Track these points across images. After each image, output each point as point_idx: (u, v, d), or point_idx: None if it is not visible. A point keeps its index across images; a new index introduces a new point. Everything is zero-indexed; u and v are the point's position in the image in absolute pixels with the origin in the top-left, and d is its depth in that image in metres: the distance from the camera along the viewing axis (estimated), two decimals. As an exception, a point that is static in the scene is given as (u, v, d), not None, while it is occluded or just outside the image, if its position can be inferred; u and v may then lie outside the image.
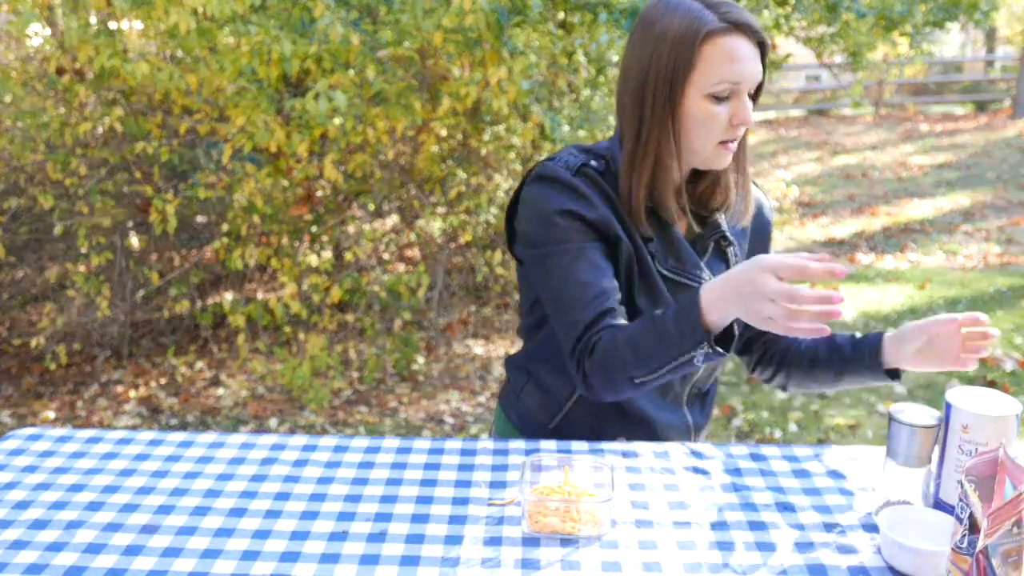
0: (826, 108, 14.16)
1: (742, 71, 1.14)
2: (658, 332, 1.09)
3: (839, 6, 4.17)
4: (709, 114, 1.15)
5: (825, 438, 3.15)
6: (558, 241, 1.18)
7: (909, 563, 0.91)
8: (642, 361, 1.10)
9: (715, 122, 1.16)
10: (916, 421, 1.00)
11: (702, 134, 1.17)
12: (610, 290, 1.17)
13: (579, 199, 1.19)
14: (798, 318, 0.95)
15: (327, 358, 3.27)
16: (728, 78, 1.13)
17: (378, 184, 3.59)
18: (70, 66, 3.18)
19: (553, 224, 1.19)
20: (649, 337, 1.10)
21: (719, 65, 1.13)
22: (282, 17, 3.03)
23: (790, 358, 1.40)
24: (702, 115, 1.15)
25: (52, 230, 3.75)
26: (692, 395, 1.35)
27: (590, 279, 1.17)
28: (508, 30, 2.75)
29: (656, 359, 1.09)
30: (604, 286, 1.17)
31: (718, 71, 1.13)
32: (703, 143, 1.18)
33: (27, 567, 0.95)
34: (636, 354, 1.10)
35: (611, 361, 1.12)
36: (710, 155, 1.19)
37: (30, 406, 3.55)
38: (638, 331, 1.11)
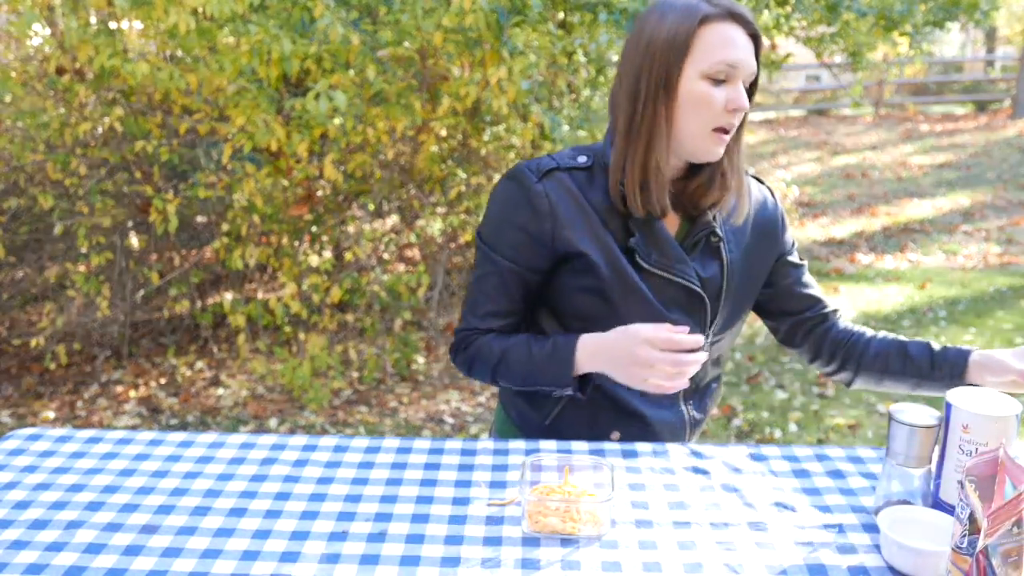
0: (826, 108, 14.16)
1: (739, 56, 1.16)
2: (531, 362, 1.23)
3: (839, 6, 4.17)
4: (706, 95, 1.16)
5: (825, 438, 3.15)
6: (493, 247, 1.27)
7: (909, 563, 0.91)
8: (508, 375, 1.25)
9: (711, 104, 1.17)
10: (916, 421, 1.00)
11: (698, 117, 1.18)
12: (505, 313, 1.29)
13: (532, 213, 1.23)
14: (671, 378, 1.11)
15: (327, 358, 3.27)
16: (726, 59, 1.16)
17: (378, 184, 3.59)
18: (70, 66, 3.18)
19: (498, 231, 1.26)
20: (521, 362, 1.24)
21: (717, 47, 1.16)
22: (282, 17, 3.03)
23: (857, 360, 1.37)
24: (699, 96, 1.17)
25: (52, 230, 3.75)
26: (690, 391, 1.35)
27: (497, 296, 1.28)
28: (508, 30, 2.75)
29: (521, 379, 1.25)
30: (503, 308, 1.29)
31: (716, 52, 1.16)
32: (699, 127, 1.18)
33: (27, 567, 0.95)
34: (505, 368, 1.25)
35: (479, 362, 1.28)
36: (703, 142, 1.19)
37: (30, 406, 3.55)
38: (513, 351, 1.25)
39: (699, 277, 1.27)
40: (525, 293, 1.29)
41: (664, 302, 1.26)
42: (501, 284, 1.27)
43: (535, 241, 1.23)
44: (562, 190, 1.23)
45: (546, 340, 1.23)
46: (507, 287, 1.27)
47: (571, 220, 1.23)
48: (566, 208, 1.23)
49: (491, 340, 1.28)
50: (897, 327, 4.29)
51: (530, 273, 1.26)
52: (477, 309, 1.30)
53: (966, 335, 4.13)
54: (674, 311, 1.27)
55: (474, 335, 1.30)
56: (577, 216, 1.23)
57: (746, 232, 1.33)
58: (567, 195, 1.23)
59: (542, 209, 1.22)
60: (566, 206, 1.23)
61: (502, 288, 1.27)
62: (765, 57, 4.95)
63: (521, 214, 1.23)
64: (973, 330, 4.19)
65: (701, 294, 1.27)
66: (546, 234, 1.23)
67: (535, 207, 1.22)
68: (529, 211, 1.23)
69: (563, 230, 1.22)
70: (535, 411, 1.36)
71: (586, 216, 1.23)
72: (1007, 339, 4.05)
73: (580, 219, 1.23)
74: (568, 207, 1.23)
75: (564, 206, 1.23)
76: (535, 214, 1.23)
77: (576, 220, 1.23)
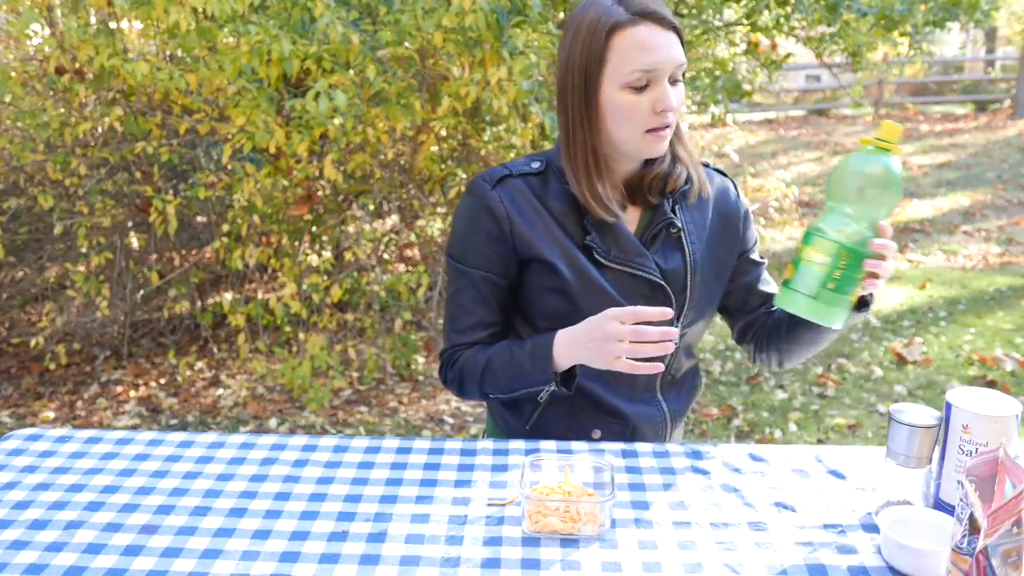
0: (826, 108, 14.16)
1: (654, 59, 1.16)
2: (514, 363, 1.24)
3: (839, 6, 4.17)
4: (629, 104, 1.17)
5: (825, 438, 3.15)
6: (461, 260, 1.30)
7: (909, 563, 0.91)
8: (495, 383, 1.26)
9: (637, 111, 1.18)
10: (916, 421, 1.00)
11: (626, 124, 1.19)
12: (486, 323, 1.31)
13: (492, 218, 1.26)
14: (640, 351, 1.11)
15: (327, 358, 3.27)
16: (641, 67, 1.15)
17: (378, 184, 3.59)
18: (70, 66, 3.18)
19: (464, 244, 1.29)
20: (505, 366, 1.25)
21: (630, 56, 1.16)
22: (282, 17, 3.03)
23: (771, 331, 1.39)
24: (622, 106, 1.18)
25: (52, 230, 3.75)
26: (666, 383, 1.36)
27: (475, 308, 1.30)
28: (508, 30, 2.75)
29: (507, 385, 1.25)
30: (483, 319, 1.31)
31: (630, 62, 1.16)
32: (629, 133, 1.20)
33: (27, 567, 0.95)
34: (491, 376, 1.26)
35: (467, 375, 1.29)
36: (640, 144, 1.21)
37: (30, 406, 3.55)
38: (496, 358, 1.26)
39: (661, 269, 1.28)
40: (501, 301, 1.31)
41: (627, 296, 1.27)
42: (477, 295, 1.30)
43: (500, 244, 1.27)
44: (517, 195, 1.27)
45: (525, 342, 1.25)
46: (483, 297, 1.30)
47: (527, 224, 1.26)
48: (521, 212, 1.26)
49: (474, 352, 1.30)
50: (897, 327, 4.29)
51: (501, 279, 1.29)
52: (457, 324, 1.32)
53: (966, 335, 4.13)
54: (638, 304, 1.28)
55: (458, 351, 1.32)
56: (533, 219, 1.26)
57: (706, 223, 1.34)
58: (522, 200, 1.27)
59: (499, 214, 1.26)
60: (521, 210, 1.26)
61: (478, 299, 1.30)
62: (765, 57, 4.94)
63: (482, 221, 1.27)
64: (973, 330, 4.19)
65: (663, 286, 1.28)
66: (507, 237, 1.26)
67: (493, 212, 1.26)
68: (489, 217, 1.27)
69: (520, 234, 1.26)
70: (515, 417, 1.38)
71: (542, 219, 1.26)
72: (1007, 339, 4.05)
73: (536, 222, 1.26)
74: (523, 211, 1.26)
75: (519, 210, 1.26)
76: (494, 219, 1.26)
77: (532, 223, 1.26)
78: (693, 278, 1.31)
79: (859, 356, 3.92)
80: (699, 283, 1.32)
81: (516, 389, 1.25)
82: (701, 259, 1.32)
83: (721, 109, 5.18)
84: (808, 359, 3.83)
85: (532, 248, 1.26)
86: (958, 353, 3.91)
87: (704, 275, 1.32)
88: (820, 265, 1.08)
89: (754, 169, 7.80)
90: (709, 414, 3.39)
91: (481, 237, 1.28)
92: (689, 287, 1.30)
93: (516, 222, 1.26)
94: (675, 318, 1.31)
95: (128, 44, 3.47)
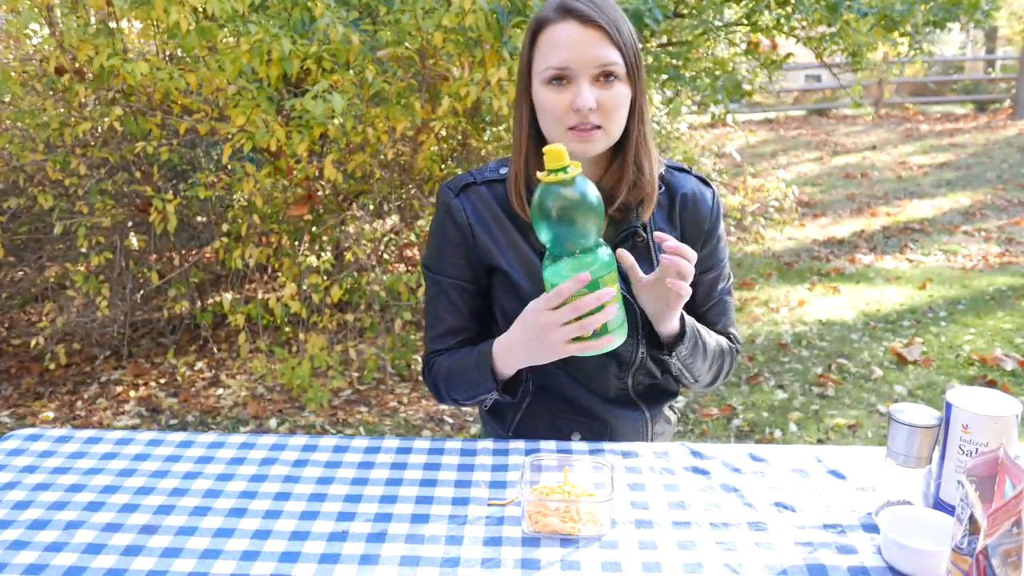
0: (826, 108, 14.16)
1: (565, 57, 1.15)
2: (466, 370, 1.25)
3: (840, 6, 4.17)
4: (547, 101, 1.18)
5: (825, 438, 3.15)
6: (435, 270, 1.32)
7: (909, 563, 0.91)
8: (456, 389, 1.28)
9: (554, 109, 1.18)
10: (916, 421, 1.00)
11: (548, 121, 1.20)
12: (457, 330, 1.32)
13: (455, 225, 1.29)
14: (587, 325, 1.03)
15: (327, 358, 3.26)
16: (553, 64, 1.16)
17: (378, 184, 3.59)
18: (70, 66, 3.18)
19: (436, 253, 1.32)
20: (460, 372, 1.27)
21: (547, 53, 1.17)
22: (282, 17, 3.03)
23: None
24: (543, 103, 1.19)
25: (52, 230, 3.74)
26: (640, 391, 1.35)
27: (446, 316, 1.32)
28: (508, 30, 2.75)
29: (464, 392, 1.27)
30: (453, 325, 1.32)
31: (545, 59, 1.17)
32: (552, 130, 1.20)
33: (27, 567, 0.95)
34: (453, 382, 1.28)
35: (439, 382, 1.31)
36: (566, 143, 1.17)
37: (30, 406, 3.55)
38: (456, 364, 1.28)
39: (624, 278, 1.26)
40: (472, 307, 1.32)
41: None
42: (448, 303, 1.32)
43: (466, 251, 1.29)
44: (479, 203, 1.29)
45: (475, 349, 1.25)
46: (454, 304, 1.32)
47: (487, 233, 1.27)
48: (481, 221, 1.28)
49: (444, 359, 1.31)
50: (897, 327, 4.29)
51: (470, 285, 1.31)
52: (432, 331, 1.34)
53: (966, 335, 4.13)
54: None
55: (434, 358, 1.33)
56: (493, 227, 1.28)
57: (677, 232, 1.31)
58: (483, 208, 1.28)
59: (461, 222, 1.28)
60: (481, 219, 1.28)
61: (450, 307, 1.32)
62: (765, 57, 4.94)
63: (448, 229, 1.30)
64: (973, 330, 4.19)
65: (624, 296, 1.26)
66: (470, 244, 1.29)
67: (456, 221, 1.29)
68: (454, 226, 1.29)
69: (483, 243, 1.28)
70: (498, 421, 1.40)
71: (502, 227, 1.27)
72: (1007, 339, 4.05)
73: (496, 230, 1.27)
74: (484, 220, 1.28)
75: (479, 219, 1.28)
76: (458, 228, 1.29)
77: (492, 232, 1.27)
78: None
79: (859, 356, 3.92)
80: None
81: (474, 396, 1.26)
82: None
83: (721, 109, 5.18)
84: (808, 361, 3.84)
85: (492, 257, 1.28)
86: (958, 353, 3.91)
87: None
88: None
89: (754, 169, 7.80)
90: (709, 414, 3.39)
91: (449, 246, 1.30)
92: None
93: (477, 231, 1.28)
94: (641, 329, 1.28)
95: (128, 44, 3.47)
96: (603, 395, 1.33)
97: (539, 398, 1.35)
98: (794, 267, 5.53)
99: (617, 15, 1.19)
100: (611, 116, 1.18)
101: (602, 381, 1.33)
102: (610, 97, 1.17)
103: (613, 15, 1.18)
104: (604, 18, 1.16)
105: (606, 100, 1.17)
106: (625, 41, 1.17)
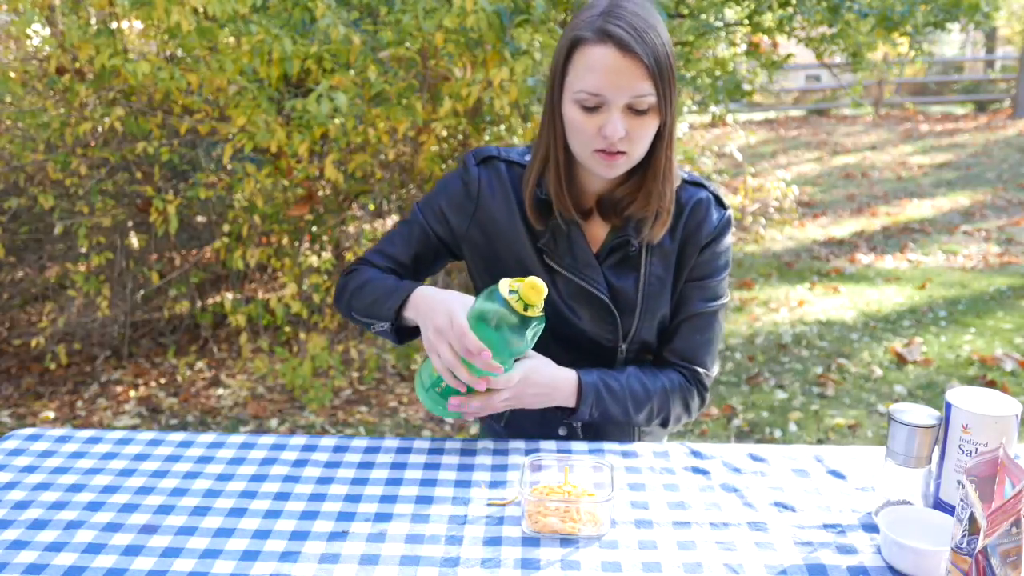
0: (826, 108, 14.16)
1: (599, 84, 1.12)
2: (380, 290, 1.26)
3: (840, 7, 4.17)
4: (577, 121, 1.16)
5: (825, 438, 3.15)
6: (420, 207, 1.36)
7: (909, 563, 0.91)
8: (360, 300, 1.29)
9: (582, 130, 1.16)
10: (916, 421, 1.00)
11: (575, 140, 1.19)
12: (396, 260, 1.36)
13: (464, 189, 1.31)
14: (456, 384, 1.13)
15: (327, 358, 3.26)
16: (587, 88, 1.13)
17: (379, 184, 3.59)
18: (70, 66, 3.18)
19: (430, 197, 1.35)
20: (373, 289, 1.27)
21: (582, 74, 1.14)
22: (283, 17, 3.03)
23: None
24: (571, 121, 1.17)
25: (52, 230, 3.75)
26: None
27: (398, 243, 1.36)
28: (510, 31, 2.75)
29: (365, 308, 1.27)
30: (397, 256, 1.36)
31: (579, 80, 1.14)
32: (579, 148, 1.20)
33: (27, 567, 0.95)
34: (362, 293, 1.29)
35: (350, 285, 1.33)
36: (589, 162, 1.20)
37: (30, 406, 3.55)
38: (376, 280, 1.30)
39: (610, 285, 1.28)
40: (421, 253, 1.36)
41: (572, 306, 1.28)
42: (409, 234, 1.36)
43: (455, 212, 1.32)
44: (495, 179, 1.31)
45: (401, 280, 1.29)
46: (411, 238, 1.36)
47: (494, 206, 1.30)
48: (493, 196, 1.30)
49: (369, 270, 1.34)
50: (897, 327, 4.29)
51: (435, 238, 1.34)
52: (378, 246, 1.38)
53: (966, 335, 4.13)
54: (582, 316, 1.29)
55: (363, 266, 1.36)
56: (502, 206, 1.29)
57: (676, 244, 1.30)
58: (499, 185, 1.30)
59: (472, 190, 1.31)
60: (493, 194, 1.30)
61: (407, 237, 1.36)
62: (766, 57, 4.94)
63: (452, 186, 1.33)
64: (973, 330, 4.19)
65: (607, 302, 1.27)
66: (467, 212, 1.31)
67: (467, 185, 1.31)
68: (461, 187, 1.32)
69: (483, 215, 1.30)
70: (492, 416, 1.41)
71: (510, 209, 1.29)
72: (1007, 339, 4.05)
73: (504, 209, 1.29)
74: (495, 195, 1.30)
75: (492, 193, 1.30)
76: (465, 191, 1.31)
77: (500, 209, 1.29)
78: (645, 301, 1.28)
79: (859, 356, 3.92)
80: (651, 305, 1.29)
81: (369, 315, 1.27)
82: (657, 281, 1.29)
83: (721, 109, 5.18)
84: (808, 361, 3.84)
85: (487, 230, 1.30)
86: (958, 353, 3.91)
87: (658, 298, 1.30)
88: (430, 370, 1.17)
89: (754, 169, 7.80)
90: (709, 414, 3.39)
91: (444, 198, 1.33)
92: (639, 308, 1.29)
93: (484, 203, 1.30)
94: (622, 337, 1.30)
95: (128, 44, 3.47)
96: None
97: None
98: (794, 267, 5.53)
99: (657, 42, 1.13)
100: (637, 144, 1.17)
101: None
102: (639, 127, 1.15)
103: (653, 43, 1.12)
104: (642, 48, 1.11)
105: (635, 130, 1.15)
106: (661, 72, 1.13)
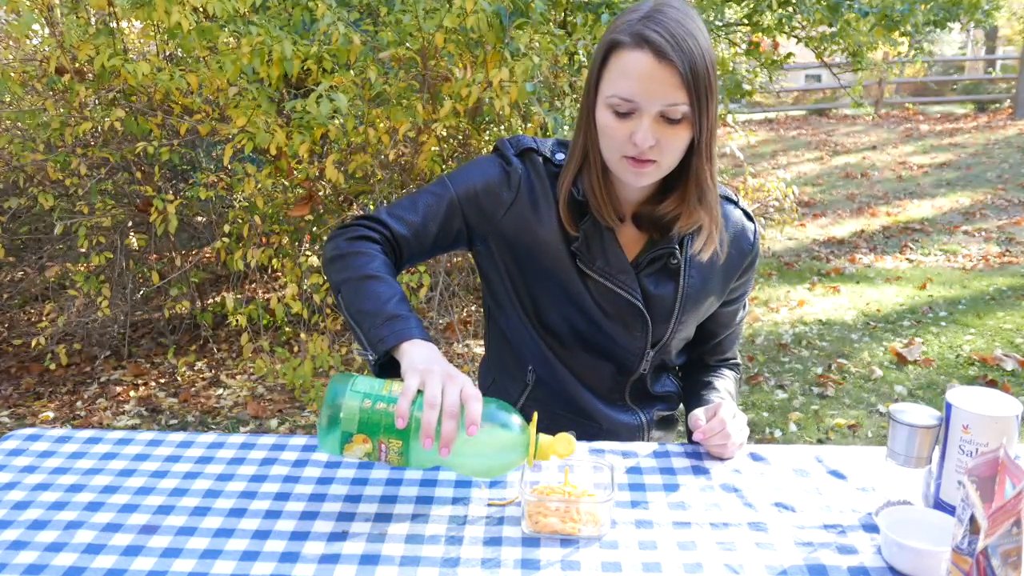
0: (826, 108, 14.16)
1: (633, 90, 1.10)
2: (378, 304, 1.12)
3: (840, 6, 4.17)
4: (608, 127, 1.15)
5: (825, 438, 3.15)
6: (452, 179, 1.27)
7: (909, 563, 0.91)
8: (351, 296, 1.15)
9: (613, 135, 1.14)
10: (916, 421, 1.00)
11: (605, 144, 1.18)
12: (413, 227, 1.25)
13: (505, 178, 1.26)
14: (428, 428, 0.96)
15: (328, 358, 3.26)
16: (620, 93, 1.11)
17: (379, 184, 3.59)
18: (70, 66, 3.18)
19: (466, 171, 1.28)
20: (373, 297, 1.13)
21: (616, 79, 1.12)
22: (283, 17, 3.03)
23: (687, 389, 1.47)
24: (603, 125, 1.16)
25: (52, 230, 3.75)
26: (636, 396, 1.38)
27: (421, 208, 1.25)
28: (510, 31, 2.75)
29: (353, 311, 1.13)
30: (413, 222, 1.25)
31: (613, 85, 1.12)
32: (608, 153, 1.18)
33: (27, 567, 0.95)
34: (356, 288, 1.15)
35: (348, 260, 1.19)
36: (617, 167, 1.19)
37: (30, 406, 3.55)
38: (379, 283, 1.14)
39: (646, 293, 1.28)
40: (441, 231, 1.26)
41: (604, 309, 1.28)
42: (436, 206, 1.26)
43: (491, 198, 1.26)
44: (535, 173, 1.27)
45: (405, 306, 1.13)
46: (437, 211, 1.26)
47: (533, 203, 1.26)
48: (532, 191, 1.26)
49: (377, 253, 1.21)
50: (897, 327, 4.29)
51: (462, 220, 1.26)
52: (395, 207, 1.27)
53: (966, 335, 4.13)
54: (614, 320, 1.29)
55: (371, 226, 1.25)
56: (540, 201, 1.26)
57: (715, 263, 1.31)
58: (538, 180, 1.27)
59: (514, 181, 1.26)
60: (533, 189, 1.27)
61: (434, 209, 1.26)
62: (766, 57, 4.94)
63: (491, 171, 1.27)
64: (973, 330, 4.19)
65: (641, 309, 1.27)
66: (504, 202, 1.26)
67: (509, 176, 1.27)
68: (502, 176, 1.27)
69: (519, 210, 1.26)
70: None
71: (548, 205, 1.26)
72: (1007, 339, 4.05)
73: (543, 205, 1.26)
74: (534, 190, 1.26)
75: (532, 188, 1.26)
76: (507, 180, 1.26)
77: (538, 204, 1.26)
78: (681, 313, 1.30)
79: (859, 356, 3.92)
80: (686, 316, 1.32)
81: (354, 322, 1.13)
82: (694, 295, 1.30)
83: (721, 109, 5.18)
84: (808, 361, 3.83)
85: (522, 225, 1.26)
86: (958, 353, 3.91)
87: (694, 310, 1.32)
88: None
89: (754, 169, 7.80)
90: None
91: (481, 181, 1.26)
92: (675, 318, 1.30)
93: (523, 197, 1.26)
94: (650, 344, 1.32)
95: (128, 44, 3.47)
96: (600, 397, 1.36)
97: (537, 391, 1.36)
98: (794, 267, 5.53)
99: (696, 51, 1.09)
100: (667, 154, 1.14)
101: (598, 381, 1.34)
102: (671, 137, 1.13)
103: (691, 51, 1.09)
104: (679, 55, 1.08)
105: (666, 140, 1.12)
106: (697, 82, 1.09)
